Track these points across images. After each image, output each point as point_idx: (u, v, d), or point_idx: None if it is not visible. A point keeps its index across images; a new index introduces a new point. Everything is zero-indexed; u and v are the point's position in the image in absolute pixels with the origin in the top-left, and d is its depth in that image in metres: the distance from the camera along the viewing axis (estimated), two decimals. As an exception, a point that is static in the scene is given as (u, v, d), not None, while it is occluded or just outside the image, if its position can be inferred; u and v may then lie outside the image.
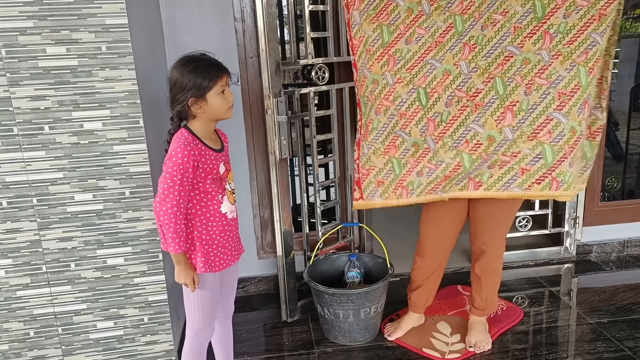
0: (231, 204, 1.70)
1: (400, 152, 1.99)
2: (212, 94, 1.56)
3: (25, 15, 1.70)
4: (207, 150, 1.61)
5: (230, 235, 1.71)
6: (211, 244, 1.66)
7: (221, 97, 1.58)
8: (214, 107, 1.58)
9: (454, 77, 1.88)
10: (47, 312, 1.96)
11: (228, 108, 1.62)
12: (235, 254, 1.76)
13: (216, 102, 1.57)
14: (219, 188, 1.65)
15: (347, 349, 2.29)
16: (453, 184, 1.97)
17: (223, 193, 1.66)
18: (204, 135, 1.62)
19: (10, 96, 1.75)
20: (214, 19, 2.47)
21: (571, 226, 3.03)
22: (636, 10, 6.29)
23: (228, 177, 1.69)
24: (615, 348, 2.21)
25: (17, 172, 1.82)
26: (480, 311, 2.27)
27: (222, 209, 1.66)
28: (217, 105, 1.58)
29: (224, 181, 1.67)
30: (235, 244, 1.75)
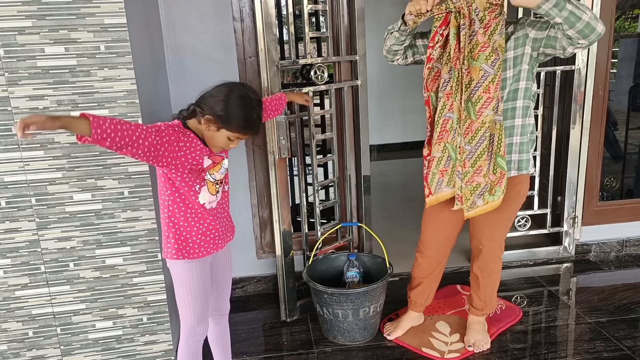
0: (211, 195, 1.67)
1: (451, 136, 1.98)
2: (224, 132, 1.58)
3: (24, 15, 1.70)
4: (195, 138, 1.60)
5: (208, 225, 1.69)
6: (186, 232, 1.65)
7: (227, 140, 1.60)
8: (214, 139, 1.61)
9: None
10: (46, 312, 1.96)
11: (221, 147, 1.65)
12: (219, 243, 1.73)
13: (219, 139, 1.60)
14: (197, 178, 1.63)
15: (347, 349, 2.29)
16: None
17: (201, 184, 1.64)
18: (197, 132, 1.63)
19: (8, 96, 1.75)
20: (212, 18, 2.47)
21: (570, 226, 3.03)
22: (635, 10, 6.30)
23: (212, 169, 1.66)
24: (614, 347, 2.21)
25: (16, 171, 1.82)
26: (479, 311, 2.27)
27: (199, 199, 1.65)
28: (217, 140, 1.60)
29: (203, 172, 1.64)
30: (219, 233, 1.73)
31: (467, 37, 1.83)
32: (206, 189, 1.65)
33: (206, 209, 1.67)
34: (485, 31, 1.82)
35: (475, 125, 1.88)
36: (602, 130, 2.97)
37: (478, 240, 2.16)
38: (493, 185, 1.95)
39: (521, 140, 1.97)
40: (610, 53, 2.86)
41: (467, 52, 1.84)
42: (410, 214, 3.83)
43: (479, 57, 1.82)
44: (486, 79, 1.83)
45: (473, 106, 1.87)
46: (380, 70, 5.70)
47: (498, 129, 1.89)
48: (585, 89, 2.83)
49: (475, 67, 1.83)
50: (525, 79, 1.91)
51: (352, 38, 2.55)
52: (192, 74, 2.51)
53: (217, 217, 1.71)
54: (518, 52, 1.89)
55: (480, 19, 1.81)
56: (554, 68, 2.85)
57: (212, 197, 1.68)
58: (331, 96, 2.58)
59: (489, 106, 1.85)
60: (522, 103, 1.93)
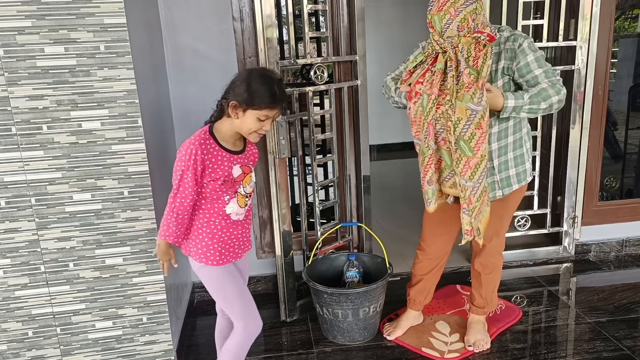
0: (240, 207, 1.70)
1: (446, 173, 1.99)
2: (252, 113, 1.59)
3: (24, 15, 1.70)
4: (220, 150, 1.63)
5: (231, 235, 1.72)
6: (208, 238, 1.68)
7: (257, 122, 1.61)
8: (244, 124, 1.61)
9: None
10: (46, 312, 1.96)
11: (253, 132, 1.64)
12: (238, 252, 1.77)
13: (249, 121, 1.61)
14: (229, 190, 1.66)
15: (346, 349, 2.29)
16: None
17: (233, 195, 1.67)
18: (223, 138, 1.65)
19: (8, 96, 1.75)
20: (212, 18, 2.47)
21: (570, 226, 3.03)
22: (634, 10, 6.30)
23: (244, 181, 1.69)
24: (613, 347, 2.21)
25: (16, 171, 1.81)
26: (479, 309, 2.27)
27: (226, 209, 1.68)
28: (247, 123, 1.61)
29: (237, 184, 1.67)
30: (239, 243, 1.76)
31: (455, 79, 1.78)
32: (236, 200, 1.68)
33: (231, 220, 1.70)
34: (474, 65, 1.77)
35: (474, 161, 1.81)
36: (602, 130, 2.97)
37: None
38: None
39: (514, 155, 1.99)
40: (610, 53, 2.87)
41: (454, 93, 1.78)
42: (410, 214, 3.83)
43: (464, 98, 1.75)
44: (475, 116, 1.78)
45: (467, 144, 1.80)
46: (380, 70, 5.67)
47: None
48: (585, 89, 2.83)
49: (461, 108, 1.77)
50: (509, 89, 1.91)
51: (352, 38, 2.55)
52: (192, 74, 2.51)
53: (240, 229, 1.74)
54: (505, 79, 1.91)
55: (466, 59, 1.76)
56: (553, 68, 2.85)
57: (241, 209, 1.71)
58: (331, 96, 2.58)
59: (484, 141, 1.79)
60: (513, 122, 1.96)
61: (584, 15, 2.72)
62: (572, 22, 2.79)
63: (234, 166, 1.65)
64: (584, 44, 2.76)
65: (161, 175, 2.16)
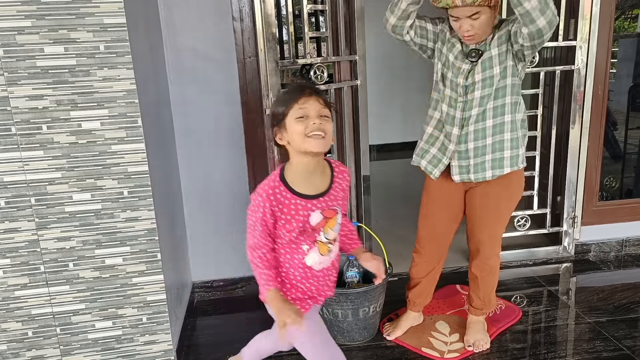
0: (321, 255, 1.48)
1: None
2: (289, 120, 1.39)
3: (23, 15, 1.69)
4: (293, 198, 1.42)
5: (313, 284, 1.52)
6: (290, 288, 1.52)
7: (300, 123, 1.38)
8: (293, 136, 1.39)
9: None
10: (46, 312, 1.96)
11: (306, 136, 1.37)
12: (319, 299, 1.58)
13: (293, 129, 1.39)
14: (308, 239, 1.46)
15: (346, 349, 2.28)
16: None
17: (312, 245, 1.47)
18: (295, 178, 1.44)
19: (8, 96, 1.75)
20: (212, 18, 2.47)
21: (569, 225, 3.03)
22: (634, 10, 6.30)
23: (325, 227, 1.46)
24: (613, 347, 2.21)
25: (15, 171, 1.81)
26: (478, 310, 2.27)
27: (306, 260, 1.48)
28: (294, 132, 1.38)
29: (316, 232, 1.45)
30: (322, 289, 1.56)
31: None
32: (316, 249, 1.47)
33: (313, 270, 1.50)
34: None
35: None
36: (602, 130, 2.97)
37: (476, 239, 2.16)
38: None
39: (511, 137, 1.97)
40: (609, 53, 2.86)
41: None
42: (410, 214, 3.82)
43: None
44: None
45: None
46: (380, 70, 5.70)
47: None
48: (584, 89, 2.83)
49: None
50: (511, 75, 1.93)
51: (352, 38, 2.55)
52: (192, 74, 2.51)
53: (323, 277, 1.53)
54: (502, 49, 1.90)
55: None
56: (553, 68, 2.85)
57: (323, 257, 1.49)
58: (331, 96, 2.58)
59: None
60: (510, 99, 1.94)
61: (583, 15, 2.72)
62: (572, 22, 2.78)
63: (312, 213, 1.43)
64: (583, 43, 2.75)
65: (161, 175, 2.16)
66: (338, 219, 1.49)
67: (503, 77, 1.92)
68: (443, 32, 2.02)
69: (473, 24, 1.86)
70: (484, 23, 1.86)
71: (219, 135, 2.60)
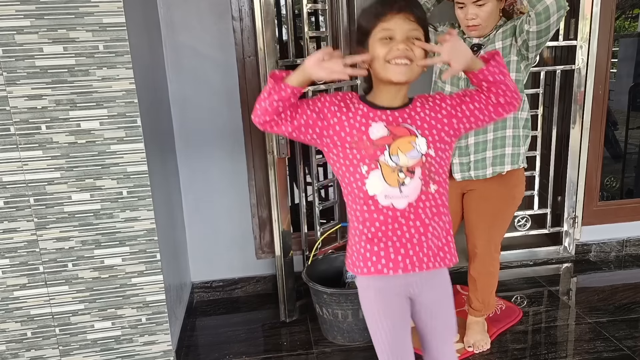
0: (388, 185, 1.20)
1: None
2: (371, 41, 1.19)
3: (22, 14, 1.69)
4: (360, 103, 1.24)
5: (384, 229, 1.22)
6: (352, 234, 1.27)
7: (383, 45, 1.18)
8: (374, 60, 1.19)
9: None
10: (45, 313, 1.95)
11: (391, 62, 1.17)
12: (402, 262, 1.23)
13: (374, 50, 1.19)
14: (367, 157, 1.20)
15: (346, 349, 2.28)
16: None
17: (373, 166, 1.20)
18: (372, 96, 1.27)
19: (7, 95, 1.74)
20: (211, 18, 2.46)
21: (570, 226, 3.03)
22: (634, 9, 6.30)
23: (392, 146, 1.20)
24: (614, 347, 2.20)
25: (14, 171, 1.81)
26: (477, 312, 2.26)
27: (368, 187, 1.21)
28: (374, 55, 1.19)
29: (378, 149, 1.19)
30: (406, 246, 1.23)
31: None
32: (379, 174, 1.20)
33: (381, 205, 1.21)
34: None
35: None
36: (602, 130, 2.97)
37: (473, 243, 2.16)
38: None
39: (514, 134, 1.97)
40: (610, 53, 2.86)
41: None
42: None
43: None
44: None
45: None
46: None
47: None
48: (585, 89, 2.83)
49: None
50: (515, 70, 1.92)
51: (352, 37, 2.55)
52: (191, 73, 2.50)
53: (405, 222, 1.22)
54: (506, 43, 1.90)
55: None
56: (553, 68, 2.85)
57: (392, 189, 1.20)
58: (331, 96, 2.58)
59: None
60: None
61: (584, 15, 2.71)
62: (572, 21, 2.78)
63: (374, 124, 1.21)
64: (584, 43, 2.75)
65: (160, 175, 2.15)
66: (416, 143, 1.21)
67: None
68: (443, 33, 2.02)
69: (478, 12, 1.87)
70: (488, 12, 1.87)
71: (218, 134, 2.59)
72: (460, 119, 1.26)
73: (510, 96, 1.23)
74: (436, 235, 1.25)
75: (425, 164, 1.22)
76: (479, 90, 1.25)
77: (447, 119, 1.26)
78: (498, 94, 1.22)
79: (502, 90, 1.22)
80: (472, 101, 1.26)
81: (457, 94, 1.28)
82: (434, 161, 1.23)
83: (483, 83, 1.23)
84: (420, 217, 1.23)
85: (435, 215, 1.25)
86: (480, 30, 1.92)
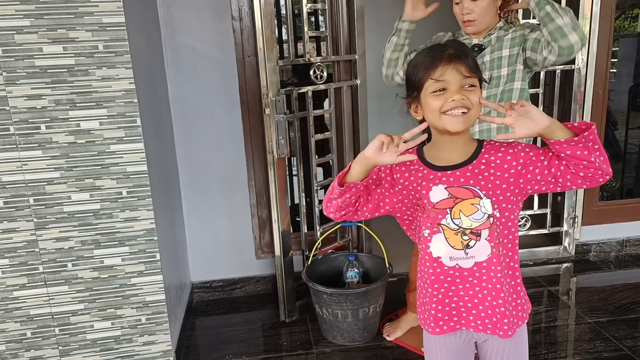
0: (451, 247, 1.18)
1: None
2: (424, 94, 1.16)
3: (22, 14, 1.69)
4: (418, 163, 1.21)
5: (448, 290, 1.22)
6: (420, 292, 1.28)
7: (435, 96, 1.14)
8: (429, 111, 1.16)
9: None
10: (44, 313, 1.95)
11: (446, 114, 1.13)
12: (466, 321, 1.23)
13: (427, 103, 1.16)
14: (429, 220, 1.20)
15: (346, 349, 2.28)
16: None
17: (433, 229, 1.20)
18: (432, 154, 1.23)
19: (6, 95, 1.74)
20: (211, 17, 2.46)
21: (570, 225, 3.03)
22: (634, 9, 6.30)
23: (454, 209, 1.17)
24: (614, 347, 2.20)
25: (14, 171, 1.81)
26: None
27: (431, 250, 1.21)
28: (428, 108, 1.16)
29: (439, 213, 1.18)
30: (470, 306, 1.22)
31: None
32: (442, 237, 1.19)
33: (446, 266, 1.20)
34: None
35: None
36: (602, 130, 2.96)
37: None
38: None
39: None
40: (610, 52, 2.86)
41: None
42: (410, 214, 3.82)
43: None
44: None
45: None
46: (380, 70, 5.69)
47: None
48: (585, 89, 2.83)
49: None
50: (521, 79, 1.92)
51: (352, 37, 2.55)
52: (191, 73, 2.50)
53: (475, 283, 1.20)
54: (513, 51, 1.89)
55: None
56: (553, 67, 2.84)
57: (456, 252, 1.19)
58: (330, 96, 2.58)
59: None
60: (520, 84, 1.94)
61: (584, 15, 2.71)
62: (572, 21, 2.78)
63: (434, 187, 1.17)
64: (584, 43, 2.75)
65: (160, 175, 2.15)
66: (481, 205, 1.15)
67: (511, 80, 1.91)
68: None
69: (473, 7, 1.88)
70: (484, 8, 1.88)
71: (218, 135, 2.59)
72: (529, 180, 1.16)
73: (594, 173, 1.09)
74: (508, 298, 1.22)
75: (492, 226, 1.17)
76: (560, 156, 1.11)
77: (514, 178, 1.16)
78: (578, 168, 1.09)
79: (584, 166, 1.08)
80: (549, 166, 1.13)
81: (534, 150, 1.16)
82: (499, 222, 1.18)
83: (562, 154, 1.09)
84: (491, 280, 1.20)
85: (507, 277, 1.22)
86: (475, 25, 1.91)
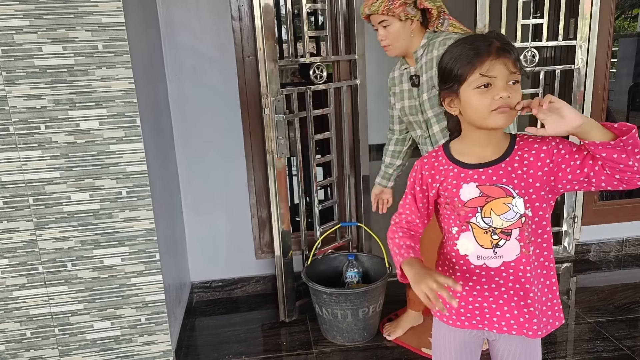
0: (480, 246, 1.16)
1: None
2: (465, 88, 1.11)
3: (21, 14, 1.69)
4: (447, 163, 1.19)
5: (474, 289, 1.21)
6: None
7: (480, 93, 1.09)
8: (472, 109, 1.11)
9: None
10: (44, 313, 1.95)
11: (492, 111, 1.08)
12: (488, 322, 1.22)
13: (470, 100, 1.10)
14: (458, 218, 1.18)
15: (346, 349, 2.28)
16: None
17: (462, 227, 1.18)
18: (459, 147, 1.21)
19: (6, 95, 1.74)
20: (211, 17, 2.46)
21: (570, 225, 3.03)
22: (634, 9, 6.30)
23: (484, 207, 1.14)
24: (613, 347, 2.20)
25: (13, 171, 1.81)
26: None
27: (459, 247, 1.20)
28: (471, 104, 1.11)
29: (469, 211, 1.16)
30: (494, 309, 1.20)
31: None
32: (470, 235, 1.17)
33: (473, 264, 1.19)
34: None
35: None
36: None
37: None
38: None
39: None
40: (609, 52, 2.86)
41: None
42: (410, 214, 3.81)
43: None
44: None
45: None
46: (379, 70, 5.67)
47: None
48: (584, 89, 2.82)
49: None
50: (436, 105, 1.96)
51: (351, 37, 2.55)
52: (191, 73, 2.50)
53: (501, 283, 1.18)
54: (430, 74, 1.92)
55: None
56: (553, 67, 2.85)
57: (485, 251, 1.17)
58: (330, 95, 2.58)
59: None
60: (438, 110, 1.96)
61: (583, 15, 2.71)
62: (572, 21, 2.78)
63: (465, 185, 1.15)
64: (583, 43, 2.75)
65: (160, 174, 2.15)
66: (513, 204, 1.12)
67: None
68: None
69: (386, 33, 1.94)
70: (394, 33, 1.93)
71: (218, 134, 2.59)
72: (560, 179, 1.12)
73: (631, 177, 1.04)
74: (541, 298, 1.20)
75: (524, 226, 1.14)
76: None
77: (546, 176, 1.13)
78: (614, 170, 1.04)
79: (621, 169, 1.03)
80: (581, 166, 1.08)
81: (568, 147, 1.12)
82: (531, 221, 1.15)
83: (597, 155, 1.05)
84: (519, 280, 1.17)
85: (540, 276, 1.19)
86: (391, 50, 1.99)
